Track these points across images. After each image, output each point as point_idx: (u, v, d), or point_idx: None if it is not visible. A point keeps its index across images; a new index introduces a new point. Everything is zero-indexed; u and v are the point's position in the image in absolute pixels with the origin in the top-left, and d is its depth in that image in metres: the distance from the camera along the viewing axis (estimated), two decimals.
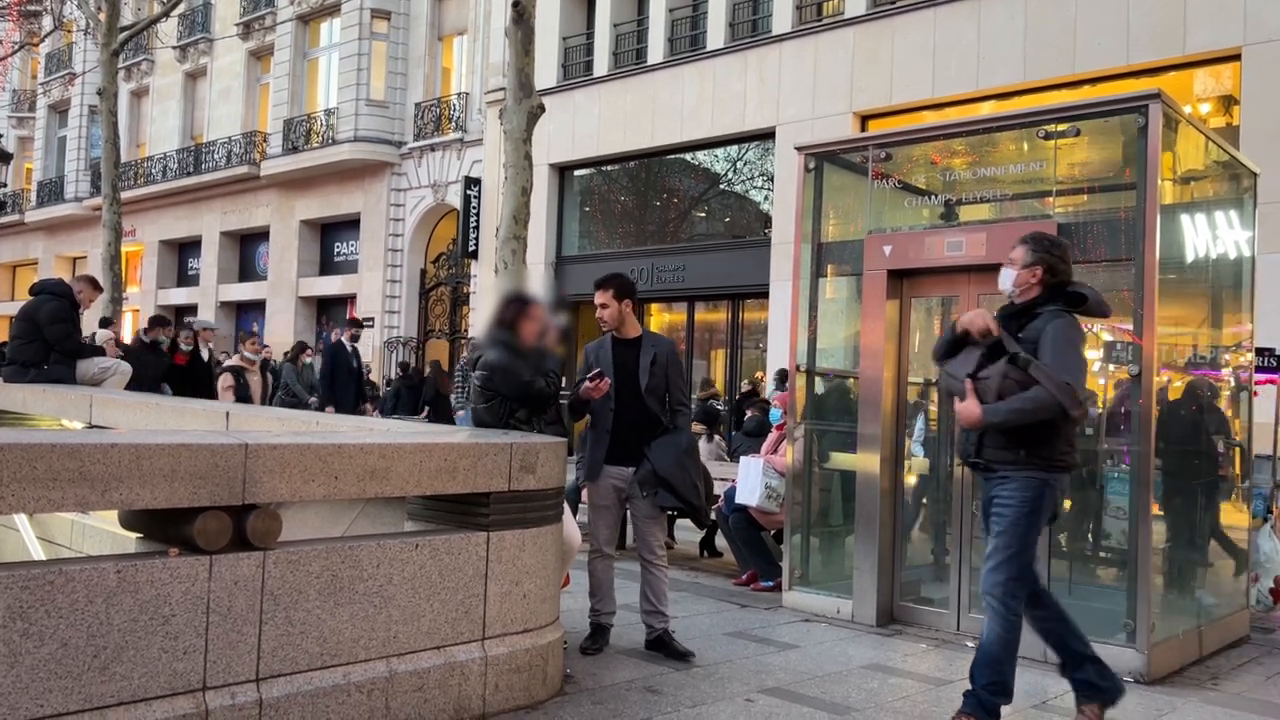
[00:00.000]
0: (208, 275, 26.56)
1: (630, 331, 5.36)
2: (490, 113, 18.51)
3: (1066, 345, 4.15)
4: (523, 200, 9.44)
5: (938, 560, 6.65)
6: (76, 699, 3.04)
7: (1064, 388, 4.03)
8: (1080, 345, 4.22)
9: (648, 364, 5.25)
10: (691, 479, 5.19)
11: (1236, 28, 10.91)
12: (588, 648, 5.26)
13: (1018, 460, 4.17)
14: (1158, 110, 5.45)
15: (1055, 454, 4.19)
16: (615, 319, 5.32)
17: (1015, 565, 4.17)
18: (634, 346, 5.33)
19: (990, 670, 4.17)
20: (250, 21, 25.17)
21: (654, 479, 5.15)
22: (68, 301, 7.68)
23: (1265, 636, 6.57)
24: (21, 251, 33.01)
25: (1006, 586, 4.17)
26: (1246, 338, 7.15)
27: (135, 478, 3.17)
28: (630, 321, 5.38)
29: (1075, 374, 4.10)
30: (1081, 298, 4.29)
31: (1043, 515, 4.24)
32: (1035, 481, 4.17)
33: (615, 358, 5.31)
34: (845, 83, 14.09)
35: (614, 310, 5.31)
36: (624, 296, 5.33)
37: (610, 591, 5.39)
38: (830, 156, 7.03)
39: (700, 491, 5.27)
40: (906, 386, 6.57)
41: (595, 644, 5.29)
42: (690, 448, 5.32)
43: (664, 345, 5.42)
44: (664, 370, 5.28)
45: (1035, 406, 4.06)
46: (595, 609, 5.39)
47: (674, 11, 16.54)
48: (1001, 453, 4.21)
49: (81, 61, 29.35)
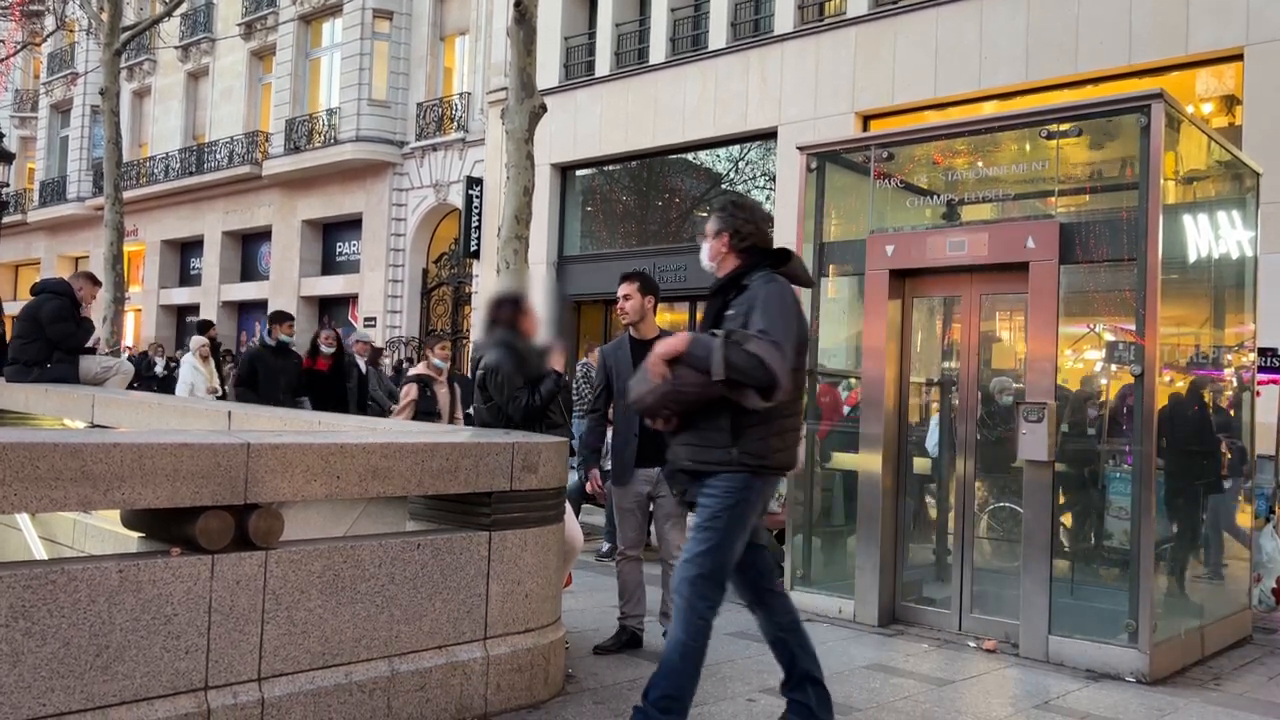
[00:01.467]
0: (209, 275, 26.56)
1: (648, 331, 5.33)
2: (492, 112, 18.50)
3: (778, 310, 3.69)
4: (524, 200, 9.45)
5: (939, 560, 6.65)
6: (79, 698, 3.05)
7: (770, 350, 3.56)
8: (787, 306, 3.74)
9: None
10: None
11: (1239, 27, 10.90)
12: (603, 646, 5.24)
13: (729, 461, 3.71)
14: (1160, 110, 5.44)
15: (767, 450, 3.73)
16: (637, 311, 5.28)
17: (709, 562, 3.70)
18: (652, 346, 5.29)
19: (666, 682, 3.66)
20: (252, 21, 25.17)
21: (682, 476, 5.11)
22: (69, 300, 7.69)
23: (1267, 637, 6.56)
24: (24, 251, 33.02)
25: (695, 585, 3.69)
26: (1249, 338, 7.14)
27: (137, 477, 3.17)
28: (649, 320, 5.35)
29: (785, 337, 3.63)
30: (786, 255, 3.90)
31: (749, 515, 3.78)
32: (744, 479, 3.72)
33: (634, 358, 5.28)
34: (847, 83, 14.08)
35: (637, 303, 5.27)
36: (648, 292, 5.32)
37: (639, 594, 5.38)
38: (832, 156, 7.03)
39: None
40: (909, 386, 6.57)
41: (613, 644, 5.28)
42: None
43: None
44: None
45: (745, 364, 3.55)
46: (624, 612, 5.39)
47: (676, 11, 16.53)
48: (711, 451, 3.76)
49: (84, 61, 29.37)
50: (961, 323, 6.41)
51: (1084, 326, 6.17)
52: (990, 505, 6.55)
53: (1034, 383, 5.69)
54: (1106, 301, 5.94)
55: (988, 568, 6.35)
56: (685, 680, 3.68)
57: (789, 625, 3.94)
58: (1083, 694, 4.98)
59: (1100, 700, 4.90)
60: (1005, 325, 6.72)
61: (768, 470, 3.78)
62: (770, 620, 3.95)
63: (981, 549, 6.35)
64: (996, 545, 6.55)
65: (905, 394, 6.52)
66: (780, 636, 3.93)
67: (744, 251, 3.91)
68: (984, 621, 5.99)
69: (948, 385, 6.63)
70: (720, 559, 3.72)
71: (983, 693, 5.00)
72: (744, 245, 3.92)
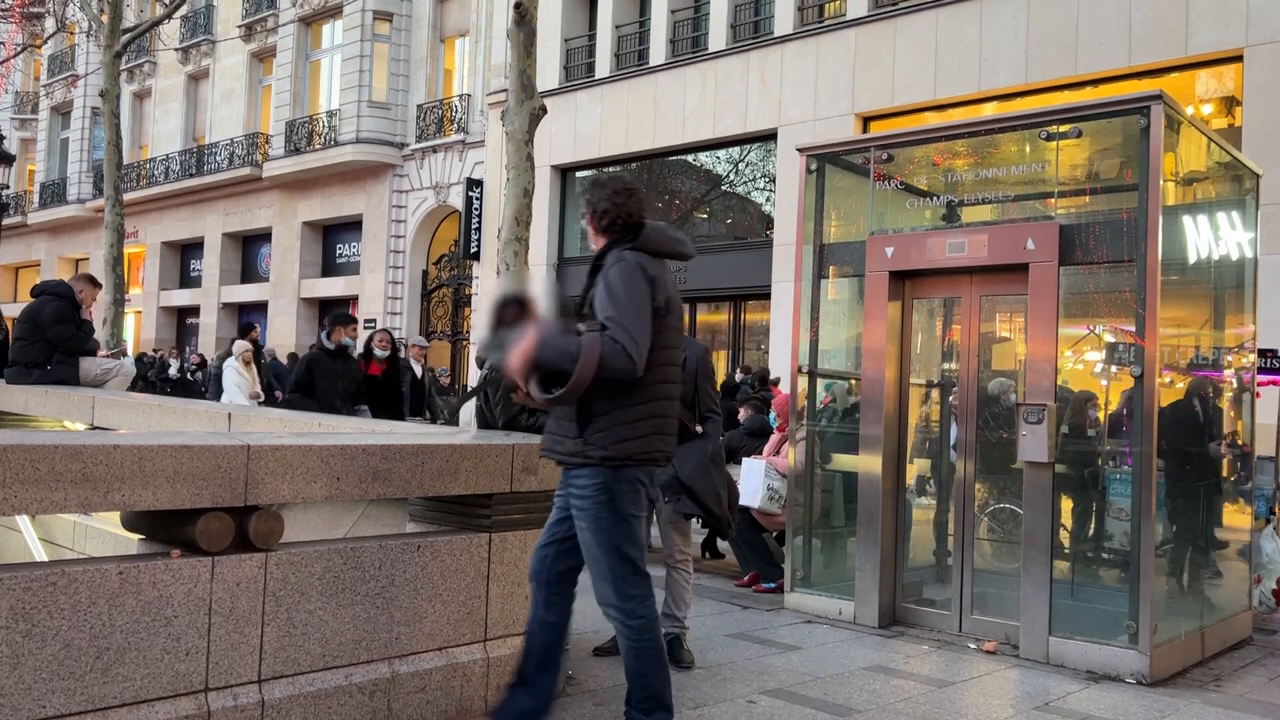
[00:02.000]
0: (210, 277, 26.59)
1: None
2: (492, 114, 18.52)
3: (619, 287, 3.47)
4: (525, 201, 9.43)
5: (940, 561, 6.65)
6: (79, 700, 3.05)
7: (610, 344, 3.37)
8: (634, 285, 3.49)
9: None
10: (714, 487, 5.06)
11: (1238, 29, 10.91)
12: (603, 648, 5.25)
13: (579, 453, 3.54)
14: (1159, 111, 5.45)
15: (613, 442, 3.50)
16: None
17: (616, 568, 3.55)
18: None
19: (635, 684, 3.60)
20: (252, 23, 25.20)
21: (676, 485, 5.11)
22: (69, 302, 7.69)
23: (1268, 638, 6.56)
24: (24, 253, 33.04)
25: (616, 592, 3.55)
26: (1249, 339, 7.15)
27: (137, 479, 3.17)
28: None
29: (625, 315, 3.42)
30: (639, 228, 3.65)
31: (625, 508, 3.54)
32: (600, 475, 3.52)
33: None
34: (847, 84, 14.09)
35: None
36: None
37: None
38: (832, 158, 7.03)
39: (723, 500, 5.13)
40: (909, 388, 6.57)
41: (613, 646, 5.26)
42: (715, 455, 5.16)
43: (695, 351, 5.22)
44: (693, 377, 5.14)
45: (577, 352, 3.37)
46: None
47: (676, 13, 16.55)
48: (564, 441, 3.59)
49: (84, 63, 29.40)
50: (961, 324, 6.41)
51: (1084, 328, 6.17)
52: (990, 506, 6.55)
53: (1034, 384, 5.69)
54: (1106, 303, 5.94)
55: (988, 569, 6.35)
56: (652, 678, 3.58)
57: (556, 632, 3.73)
58: (1083, 695, 4.98)
59: (1100, 702, 4.90)
60: (1005, 326, 6.73)
61: (623, 464, 3.51)
62: (548, 618, 3.72)
63: (982, 550, 6.35)
64: (997, 547, 6.56)
65: (905, 395, 6.53)
66: (545, 637, 3.71)
67: (606, 230, 3.74)
68: (984, 623, 5.99)
69: (948, 387, 6.63)
70: (620, 560, 3.55)
71: (983, 694, 5.00)
72: (604, 224, 3.73)
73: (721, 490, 5.13)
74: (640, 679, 3.60)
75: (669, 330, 3.63)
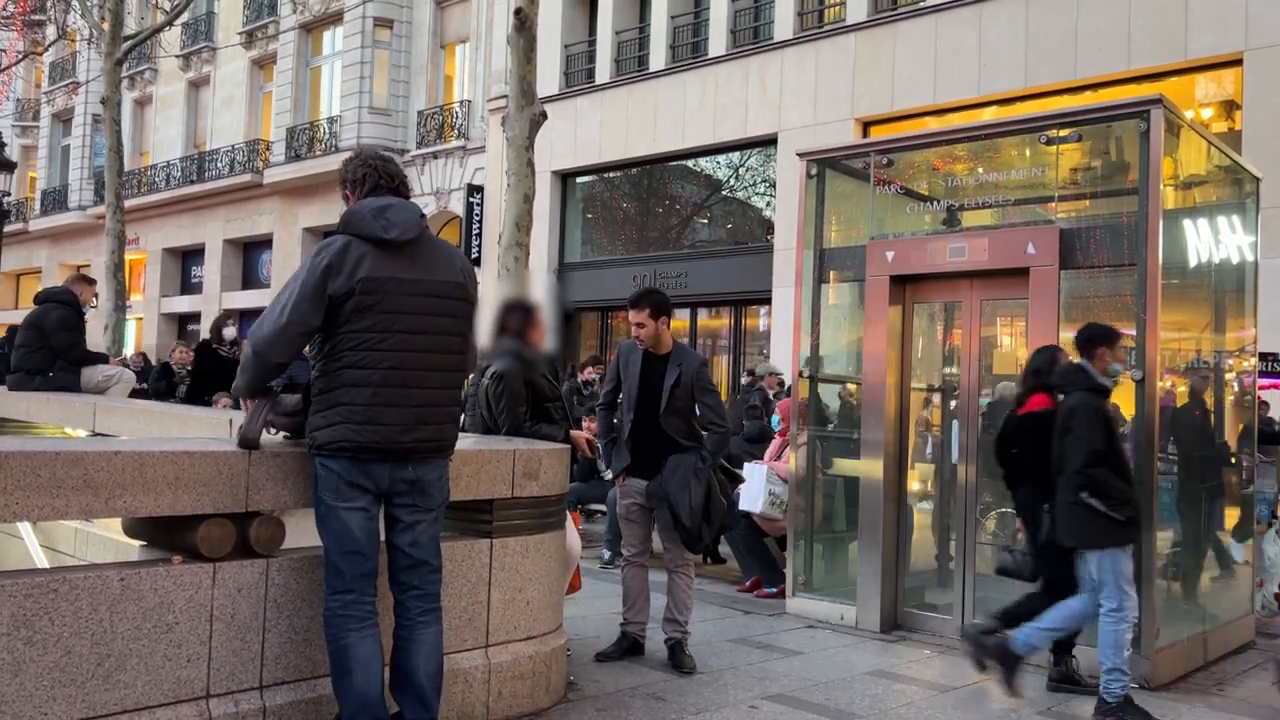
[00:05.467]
0: (211, 283, 26.58)
1: (662, 348, 5.24)
2: (493, 120, 18.53)
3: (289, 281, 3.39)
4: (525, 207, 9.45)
5: (941, 566, 6.64)
6: (80, 707, 3.04)
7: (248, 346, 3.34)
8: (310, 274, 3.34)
9: (670, 386, 5.13)
10: (692, 501, 5.01)
11: (1238, 32, 10.91)
12: (605, 654, 5.24)
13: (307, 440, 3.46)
14: (1159, 115, 5.45)
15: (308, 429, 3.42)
16: (652, 338, 5.19)
17: (330, 554, 3.39)
18: (661, 364, 5.20)
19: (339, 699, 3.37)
20: (253, 30, 25.23)
21: (659, 494, 5.14)
22: (74, 310, 7.69)
23: (1270, 642, 6.55)
24: (25, 260, 33.04)
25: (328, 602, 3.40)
26: (1250, 343, 7.14)
27: (139, 485, 3.17)
28: (665, 338, 5.26)
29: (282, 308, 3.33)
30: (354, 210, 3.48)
31: (338, 500, 3.36)
32: (316, 463, 3.41)
33: (642, 371, 5.23)
34: (847, 89, 14.10)
35: (651, 330, 5.16)
36: (660, 315, 5.17)
37: (642, 601, 5.36)
38: (832, 163, 7.04)
39: (698, 515, 5.03)
40: (910, 392, 6.57)
41: (615, 651, 5.27)
42: (700, 470, 5.09)
43: (691, 364, 5.21)
44: (688, 392, 5.16)
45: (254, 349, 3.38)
46: (626, 619, 5.38)
47: (676, 19, 16.56)
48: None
49: (85, 70, 29.41)
50: (962, 328, 6.41)
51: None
52: (992, 511, 6.54)
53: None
54: (1107, 306, 5.94)
55: (990, 574, 6.33)
56: (346, 688, 3.33)
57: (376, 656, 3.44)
58: (1086, 700, 4.97)
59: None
60: (1006, 330, 6.73)
61: (330, 452, 3.35)
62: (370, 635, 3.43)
63: (984, 555, 6.34)
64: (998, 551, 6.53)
65: (906, 400, 6.52)
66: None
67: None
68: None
69: (949, 391, 6.62)
70: (336, 552, 3.37)
71: (985, 699, 4.99)
72: (359, 195, 3.57)
73: (697, 504, 5.02)
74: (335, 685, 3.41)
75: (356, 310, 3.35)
